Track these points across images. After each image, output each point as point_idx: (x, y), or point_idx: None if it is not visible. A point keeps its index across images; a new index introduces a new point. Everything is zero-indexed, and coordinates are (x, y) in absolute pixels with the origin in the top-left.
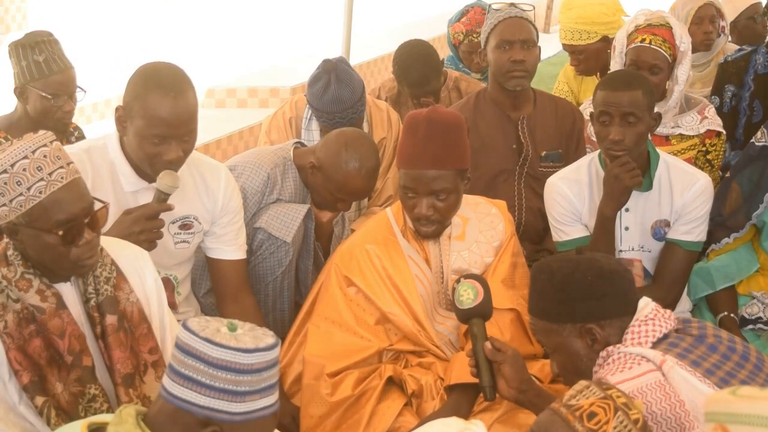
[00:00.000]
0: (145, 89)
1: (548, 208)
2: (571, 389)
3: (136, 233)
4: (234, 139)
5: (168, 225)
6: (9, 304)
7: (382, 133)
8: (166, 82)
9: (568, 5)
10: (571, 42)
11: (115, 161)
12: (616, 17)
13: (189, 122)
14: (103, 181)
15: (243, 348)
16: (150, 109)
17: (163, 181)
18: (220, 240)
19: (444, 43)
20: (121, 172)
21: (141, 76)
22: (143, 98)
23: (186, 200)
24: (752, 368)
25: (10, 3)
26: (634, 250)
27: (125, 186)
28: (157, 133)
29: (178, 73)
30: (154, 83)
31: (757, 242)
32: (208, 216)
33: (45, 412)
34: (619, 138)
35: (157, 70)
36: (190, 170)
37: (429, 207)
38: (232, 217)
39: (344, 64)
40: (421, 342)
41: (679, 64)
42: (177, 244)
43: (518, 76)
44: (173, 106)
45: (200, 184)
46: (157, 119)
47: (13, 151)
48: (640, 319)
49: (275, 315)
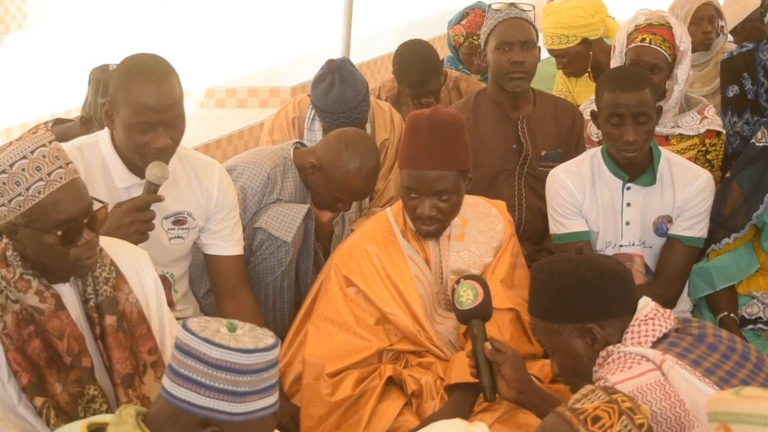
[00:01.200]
0: (128, 78)
1: (549, 199)
2: (577, 393)
3: (126, 225)
4: (234, 139)
5: (161, 220)
6: (8, 304)
7: (384, 134)
8: (147, 68)
9: (547, 11)
10: (552, 47)
11: (106, 158)
12: (596, 18)
13: (174, 107)
14: (95, 178)
15: (243, 348)
16: (134, 96)
17: (152, 171)
18: (216, 236)
19: (444, 43)
20: (113, 169)
21: (123, 67)
22: (126, 87)
23: (180, 196)
24: (752, 368)
25: (10, 3)
26: (635, 246)
27: (117, 182)
28: (144, 120)
29: (159, 60)
30: (137, 71)
31: (757, 242)
32: (202, 212)
33: (44, 412)
34: (634, 138)
35: (138, 59)
36: (183, 166)
37: (431, 207)
38: (227, 212)
39: (348, 64)
40: (421, 342)
41: (679, 64)
42: (171, 240)
43: (518, 78)
44: (156, 90)
45: (194, 180)
46: (142, 106)
47: (12, 151)
48: (640, 319)
49: (275, 315)
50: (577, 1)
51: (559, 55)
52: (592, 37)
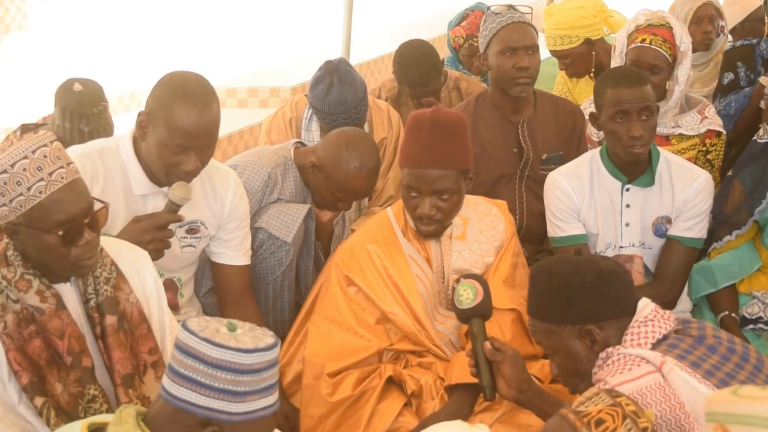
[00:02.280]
0: (173, 98)
1: (547, 202)
2: (581, 396)
3: (145, 242)
4: (234, 139)
5: (176, 229)
6: (9, 304)
7: (382, 133)
8: (194, 93)
9: (548, 12)
10: (555, 48)
11: (126, 163)
12: (597, 19)
13: (212, 134)
14: (114, 183)
15: (242, 348)
16: (176, 119)
17: (176, 192)
18: (226, 245)
19: (444, 43)
20: (132, 175)
21: (168, 85)
22: (169, 107)
23: (194, 205)
24: (752, 369)
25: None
26: (634, 246)
27: (135, 189)
28: (180, 143)
29: (206, 84)
30: (183, 93)
31: (758, 240)
32: (215, 221)
33: (45, 412)
34: (641, 133)
35: (185, 80)
36: (199, 175)
37: (432, 207)
38: (239, 223)
39: (346, 65)
40: (422, 342)
41: (680, 64)
42: (183, 248)
43: (523, 83)
44: (199, 117)
45: (209, 189)
46: (181, 130)
47: (14, 151)
48: (640, 320)
49: (275, 315)
50: (579, 2)
51: (561, 56)
52: (594, 37)
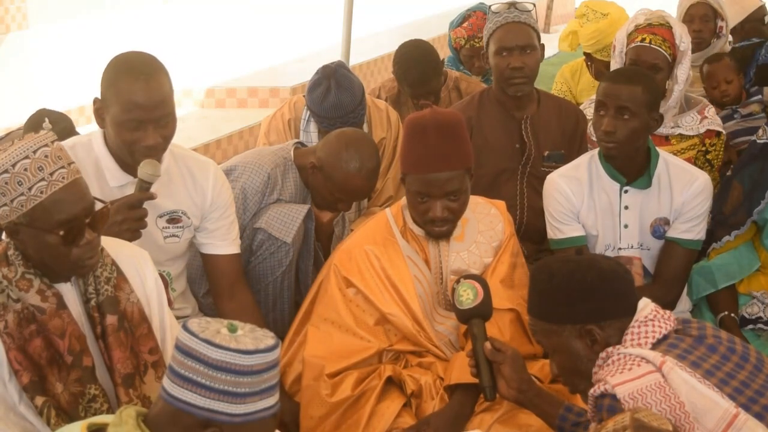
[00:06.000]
0: (117, 75)
1: (546, 204)
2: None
3: (118, 222)
4: (234, 139)
5: (155, 219)
6: (9, 304)
7: (381, 133)
8: (135, 66)
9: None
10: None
11: (99, 157)
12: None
13: (163, 105)
14: (88, 177)
15: (243, 349)
16: (122, 93)
17: (144, 169)
18: (212, 235)
19: (444, 43)
20: (106, 167)
21: (112, 65)
22: (115, 84)
23: (174, 195)
24: (752, 369)
25: (10, 3)
26: (633, 248)
27: (110, 181)
28: (132, 117)
29: (148, 57)
30: (125, 68)
31: (758, 240)
32: (197, 211)
33: (45, 412)
34: (611, 130)
35: (126, 57)
36: (178, 165)
37: (443, 209)
38: (222, 211)
39: (343, 68)
40: (421, 342)
41: (679, 64)
42: (166, 239)
43: (518, 83)
44: (145, 88)
45: (188, 179)
46: (130, 103)
47: (15, 151)
48: (640, 320)
49: (275, 315)
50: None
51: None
52: None
